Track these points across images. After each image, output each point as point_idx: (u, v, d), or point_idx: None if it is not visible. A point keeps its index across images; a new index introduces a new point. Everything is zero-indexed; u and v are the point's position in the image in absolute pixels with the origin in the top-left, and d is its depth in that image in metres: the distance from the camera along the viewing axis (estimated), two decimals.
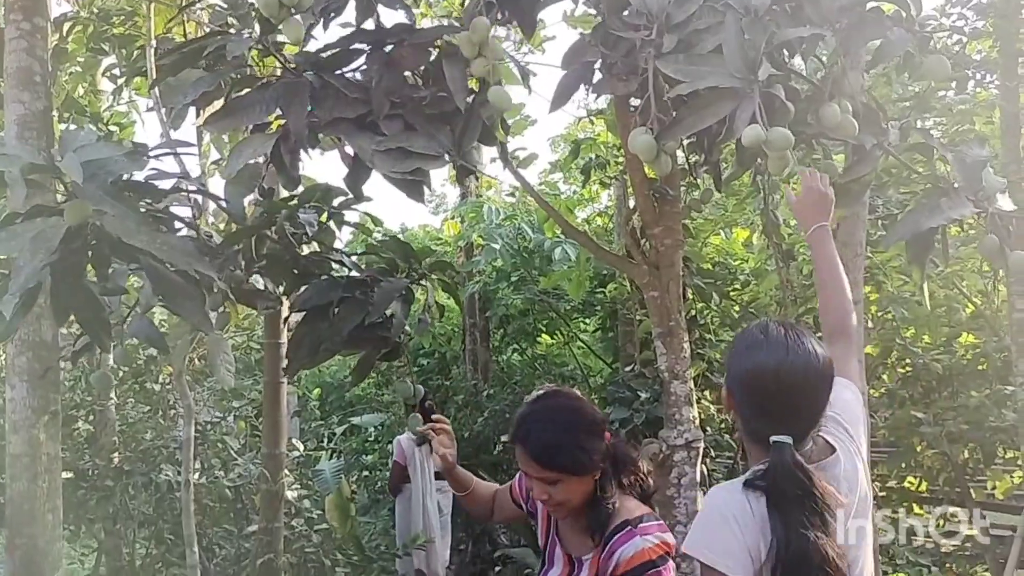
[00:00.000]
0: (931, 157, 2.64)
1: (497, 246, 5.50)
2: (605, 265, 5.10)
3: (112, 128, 5.06)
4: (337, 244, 3.12)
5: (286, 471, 3.97)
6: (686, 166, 3.22)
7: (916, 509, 5.38)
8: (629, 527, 1.86)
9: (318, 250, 3.01)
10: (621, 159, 3.87)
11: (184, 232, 2.85)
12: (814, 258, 2.11)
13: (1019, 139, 3.69)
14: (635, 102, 2.84)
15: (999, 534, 4.45)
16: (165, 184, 2.70)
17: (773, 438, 1.57)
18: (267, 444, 3.82)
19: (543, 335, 7.10)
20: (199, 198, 3.05)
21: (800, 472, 1.54)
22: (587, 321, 6.52)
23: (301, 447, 5.04)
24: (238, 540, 4.85)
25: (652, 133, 2.25)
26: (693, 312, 4.73)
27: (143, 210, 2.39)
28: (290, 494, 4.19)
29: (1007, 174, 3.60)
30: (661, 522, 1.90)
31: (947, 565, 4.60)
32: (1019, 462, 4.20)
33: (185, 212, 2.84)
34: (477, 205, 5.93)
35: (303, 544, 4.54)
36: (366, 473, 8.53)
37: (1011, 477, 4.84)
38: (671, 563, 1.85)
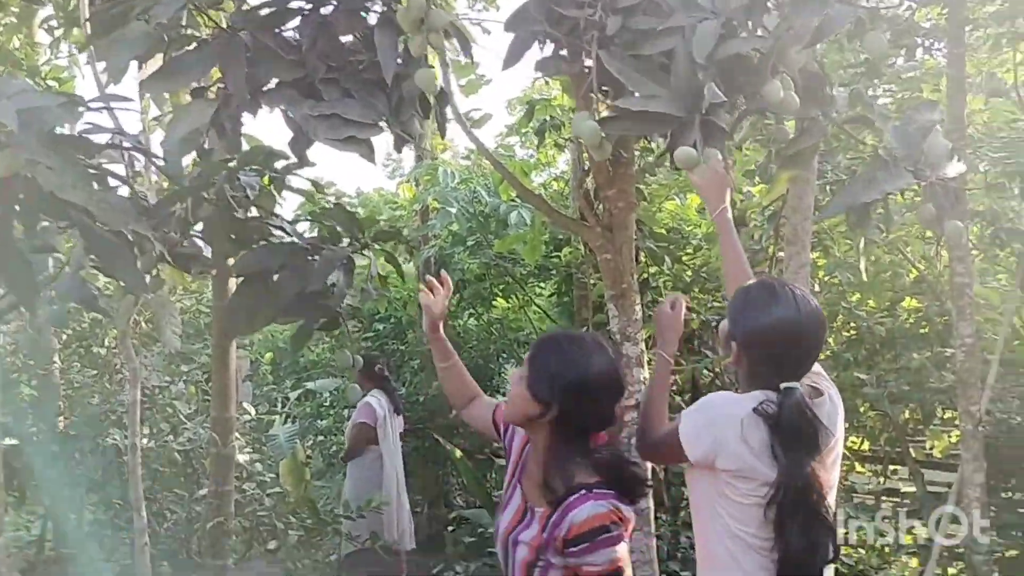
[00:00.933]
0: (874, 127, 2.67)
1: (453, 210, 5.46)
2: (560, 229, 5.10)
3: (51, 83, 4.89)
4: (284, 210, 3.07)
5: (237, 435, 3.92)
6: None
7: (858, 467, 5.55)
8: (584, 491, 1.86)
9: (258, 215, 2.96)
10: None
11: (122, 191, 2.78)
12: (720, 247, 2.29)
13: (964, 106, 3.74)
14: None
15: (935, 490, 4.60)
16: (100, 139, 2.64)
17: (784, 385, 1.78)
18: (216, 408, 3.76)
19: (499, 299, 7.10)
20: (135, 156, 2.98)
21: (809, 412, 1.76)
22: (543, 285, 6.54)
23: (253, 411, 5.00)
24: (189, 504, 4.81)
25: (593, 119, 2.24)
26: (645, 275, 4.77)
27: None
28: (241, 458, 4.16)
29: (952, 140, 3.67)
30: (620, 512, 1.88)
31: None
32: (956, 422, 4.33)
33: (119, 169, 2.77)
34: (432, 168, 5.87)
35: (255, 508, 4.52)
36: (321, 438, 8.51)
37: (948, 436, 5.00)
38: (624, 532, 1.86)
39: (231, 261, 3.05)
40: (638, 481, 1.93)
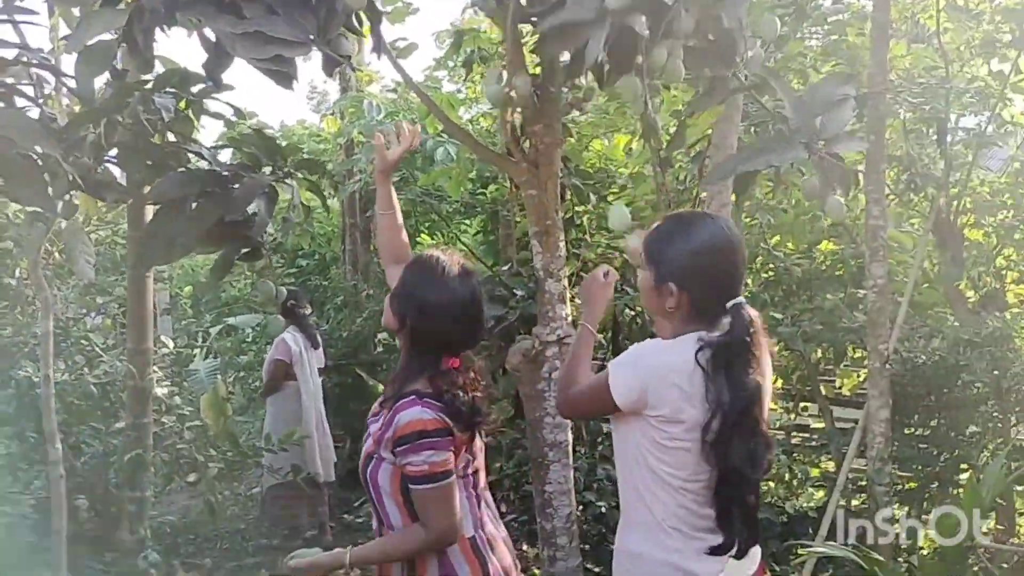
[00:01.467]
0: (774, 96, 2.65)
1: None
2: (487, 165, 5.07)
3: None
4: (203, 137, 2.98)
5: (155, 368, 3.86)
6: (569, 63, 3.20)
7: (771, 404, 5.75)
8: (415, 396, 1.97)
9: (175, 140, 2.87)
10: (503, 52, 3.81)
11: (33, 113, 2.66)
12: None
13: (887, 51, 3.82)
14: None
15: (843, 427, 4.80)
16: (7, 55, 2.50)
17: (731, 302, 1.80)
18: (132, 340, 3.70)
19: (424, 236, 7.05)
20: (43, 74, 2.83)
21: (753, 326, 1.80)
22: (468, 223, 6.51)
23: (171, 344, 4.89)
24: (106, 437, 4.72)
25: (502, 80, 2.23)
26: (570, 213, 4.78)
27: None
28: (160, 391, 4.09)
29: (873, 85, 3.75)
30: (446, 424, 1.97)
31: (794, 455, 4.94)
32: (865, 361, 4.50)
33: (27, 89, 2.64)
34: (357, 100, 5.73)
35: (174, 441, 4.47)
36: (242, 374, 8.42)
37: (857, 375, 5.21)
38: (448, 442, 1.95)
39: (147, 189, 2.95)
40: (469, 412, 2.00)
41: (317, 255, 8.24)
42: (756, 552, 1.88)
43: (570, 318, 3.21)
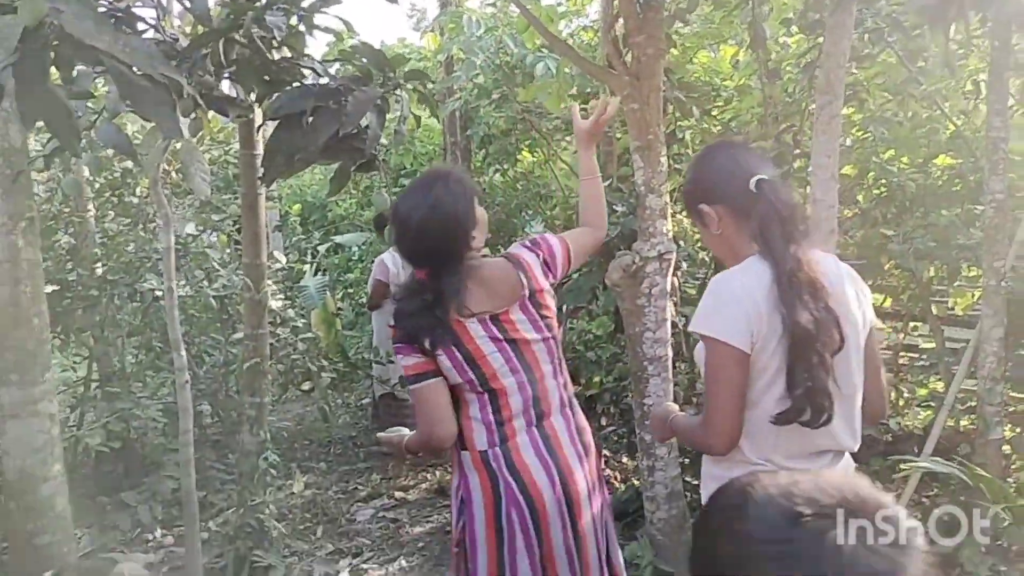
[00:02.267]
0: None
1: (478, 60, 5.34)
2: (588, 81, 4.99)
3: None
4: (310, 51, 3.03)
5: (269, 282, 4.04)
6: None
7: (879, 323, 5.61)
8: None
9: (289, 56, 2.93)
10: None
11: (149, 34, 2.75)
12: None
13: None
14: None
15: (953, 347, 4.66)
16: None
17: (755, 178, 1.79)
18: (248, 255, 3.86)
19: (525, 153, 7.04)
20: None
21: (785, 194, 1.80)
22: (568, 139, 6.46)
23: (284, 259, 5.10)
24: (226, 348, 5.01)
25: None
26: (672, 128, 4.69)
27: (103, 10, 2.30)
28: (274, 304, 4.29)
29: None
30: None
31: (901, 375, 4.83)
32: (980, 280, 4.32)
33: (149, 13, 2.73)
34: (457, 16, 5.70)
35: (289, 351, 4.70)
36: (350, 290, 8.72)
37: (972, 294, 5.01)
38: (409, 348, 2.10)
39: (262, 103, 3.05)
40: (411, 320, 2.11)
41: (418, 173, 8.36)
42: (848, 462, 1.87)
43: (671, 234, 3.19)
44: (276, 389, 4.92)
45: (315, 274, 8.51)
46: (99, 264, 4.97)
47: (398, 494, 4.91)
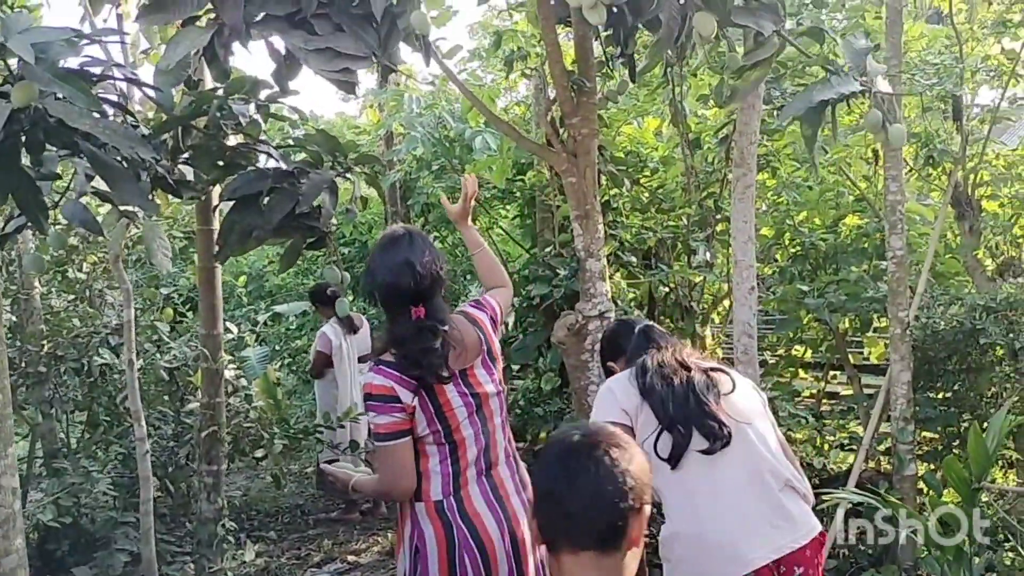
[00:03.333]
0: (823, 43, 2.93)
1: (418, 135, 5.62)
2: (524, 154, 5.32)
3: (18, 11, 4.89)
4: (264, 138, 3.25)
5: (223, 351, 4.17)
6: (603, 59, 3.45)
7: (801, 373, 5.98)
8: (376, 363, 2.26)
9: (244, 141, 3.14)
10: (541, 50, 4.05)
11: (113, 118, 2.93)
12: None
13: (901, 35, 4.01)
14: None
15: (871, 392, 5.02)
16: (95, 71, 2.78)
17: (638, 325, 2.56)
18: (205, 325, 4.01)
19: None
20: (124, 86, 3.12)
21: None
22: (506, 208, 6.76)
23: (235, 329, 5.21)
24: (175, 420, 5.06)
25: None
26: (606, 197, 5.03)
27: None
28: (228, 373, 4.40)
29: (890, 68, 3.95)
30: (398, 371, 2.22)
31: (822, 420, 5.16)
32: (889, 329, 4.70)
33: (113, 99, 2.92)
34: (397, 94, 6.00)
35: (241, 420, 4.78)
36: (289, 360, 8.78)
37: (884, 343, 5.42)
38: (390, 408, 2.19)
39: (217, 187, 3.25)
40: (422, 354, 2.21)
41: (358, 242, 8.55)
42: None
43: (609, 294, 3.47)
44: (228, 457, 4.98)
45: (255, 344, 8.56)
46: (45, 341, 5.00)
47: (351, 558, 5.00)
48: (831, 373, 5.86)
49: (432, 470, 2.26)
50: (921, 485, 4.05)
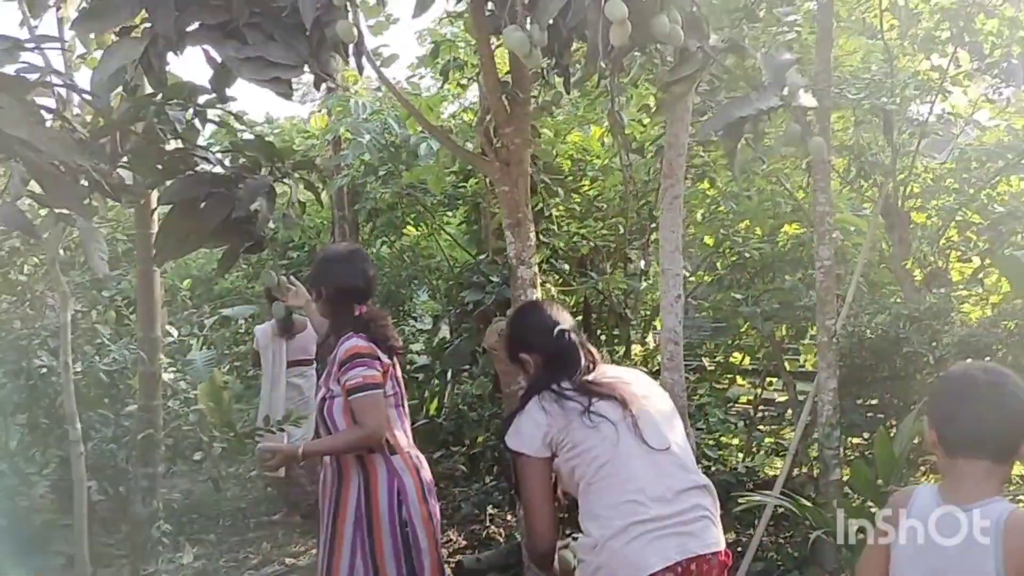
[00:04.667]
0: (744, 59, 3.03)
1: (364, 140, 5.65)
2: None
3: None
4: (203, 142, 3.28)
5: (162, 355, 4.17)
6: (539, 70, 3.53)
7: (739, 380, 6.12)
8: (351, 333, 2.72)
9: (182, 146, 3.17)
10: (477, 60, 4.13)
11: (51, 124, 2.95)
12: None
13: (830, 51, 4.14)
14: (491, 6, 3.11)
15: (804, 398, 5.15)
16: (31, 77, 2.79)
17: (556, 328, 2.34)
18: (143, 328, 4.01)
19: (410, 227, 7.34)
20: (62, 91, 3.13)
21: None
22: (452, 214, 6.82)
23: (176, 332, 5.21)
24: (115, 422, 5.03)
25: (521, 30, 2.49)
26: (540, 206, 5.11)
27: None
28: (167, 376, 4.40)
29: (818, 83, 4.08)
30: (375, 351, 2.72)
31: (759, 427, 5.30)
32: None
33: (50, 104, 2.93)
34: (344, 99, 6.03)
35: (180, 423, 4.78)
36: (237, 363, 8.73)
37: None
38: (377, 363, 2.65)
39: (155, 191, 3.27)
40: (384, 333, 2.74)
41: (306, 247, 8.55)
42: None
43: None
44: (167, 460, 4.97)
45: (201, 348, 8.49)
46: None
47: (288, 560, 5.02)
48: (768, 380, 6.00)
49: (396, 428, 2.72)
50: (847, 489, 4.17)
